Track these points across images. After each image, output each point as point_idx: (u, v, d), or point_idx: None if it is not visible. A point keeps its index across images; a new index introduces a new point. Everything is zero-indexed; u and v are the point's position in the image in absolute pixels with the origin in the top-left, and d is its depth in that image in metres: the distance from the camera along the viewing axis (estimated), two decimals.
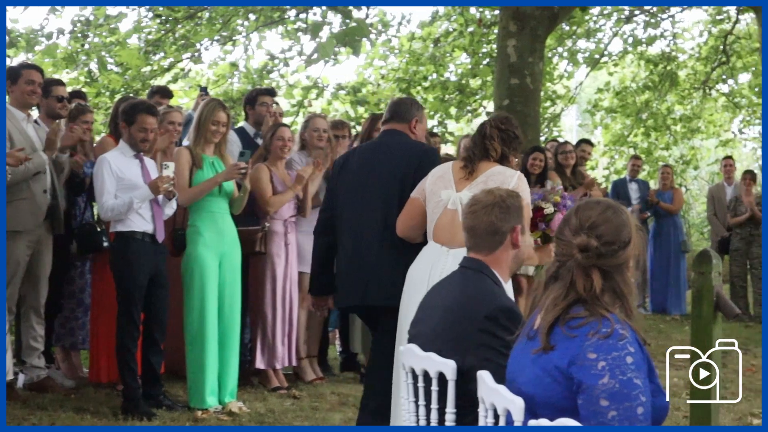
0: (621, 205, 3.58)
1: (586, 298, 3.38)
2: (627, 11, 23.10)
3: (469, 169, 5.85)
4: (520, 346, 3.59)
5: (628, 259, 3.46)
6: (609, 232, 3.43)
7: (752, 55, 24.27)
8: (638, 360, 3.28)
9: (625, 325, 3.33)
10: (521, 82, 13.86)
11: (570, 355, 3.30)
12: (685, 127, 25.40)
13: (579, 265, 3.41)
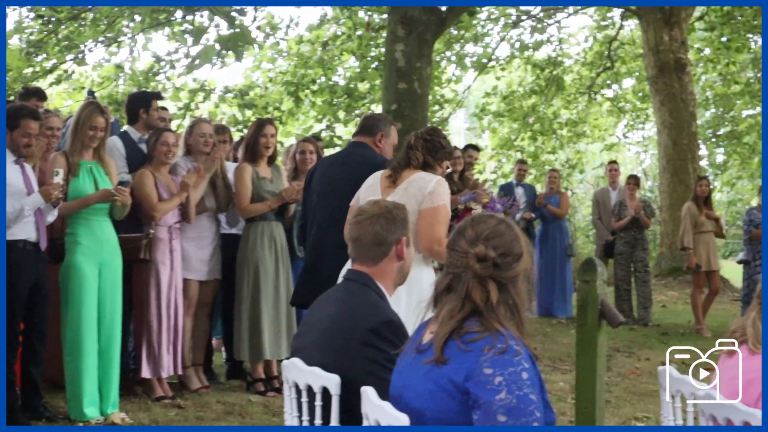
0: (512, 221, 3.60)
1: (482, 310, 3.36)
2: (514, 16, 23.35)
3: (393, 178, 6.06)
4: (407, 361, 3.54)
5: (520, 272, 3.46)
6: (504, 245, 3.44)
7: (636, 61, 24.78)
8: (532, 376, 3.28)
9: (519, 342, 3.33)
10: (409, 87, 13.88)
11: (466, 370, 3.26)
12: (570, 131, 25.80)
13: (475, 275, 3.39)
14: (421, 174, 6.03)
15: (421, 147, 6.14)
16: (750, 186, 31.82)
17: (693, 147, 21.20)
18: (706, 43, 24.27)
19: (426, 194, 5.88)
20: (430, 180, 5.96)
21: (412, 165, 6.10)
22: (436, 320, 3.46)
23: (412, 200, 5.80)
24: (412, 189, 5.90)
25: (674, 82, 20.71)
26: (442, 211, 5.88)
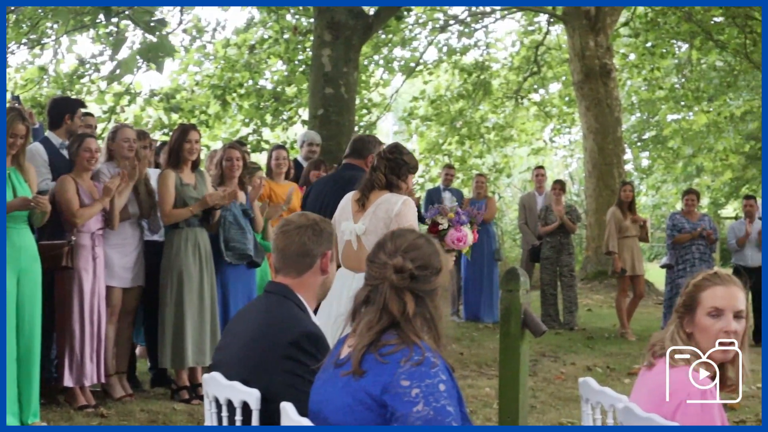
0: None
1: (399, 322, 3.37)
2: (442, 21, 23.43)
3: (361, 201, 6.35)
4: (326, 375, 3.53)
5: (438, 286, 3.49)
6: (422, 257, 3.46)
7: (562, 66, 24.98)
8: (449, 388, 3.30)
9: (436, 354, 3.34)
10: (336, 92, 13.86)
11: (383, 383, 3.27)
12: (498, 135, 25.94)
13: (393, 287, 3.40)
14: (387, 196, 6.29)
15: (384, 167, 6.38)
16: (674, 190, 32.27)
17: (618, 152, 21.42)
18: (631, 48, 24.53)
19: (393, 216, 6.17)
20: (396, 202, 6.22)
21: (376, 187, 6.34)
22: (354, 333, 3.45)
23: (380, 223, 6.16)
24: (379, 212, 6.21)
25: (600, 87, 20.91)
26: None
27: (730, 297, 3.97)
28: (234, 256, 9.19)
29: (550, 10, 22.90)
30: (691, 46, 22.80)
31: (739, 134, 29.48)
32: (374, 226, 6.20)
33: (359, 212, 6.35)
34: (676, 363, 3.91)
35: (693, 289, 4.02)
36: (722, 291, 4.00)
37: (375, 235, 6.03)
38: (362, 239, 6.32)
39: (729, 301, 3.98)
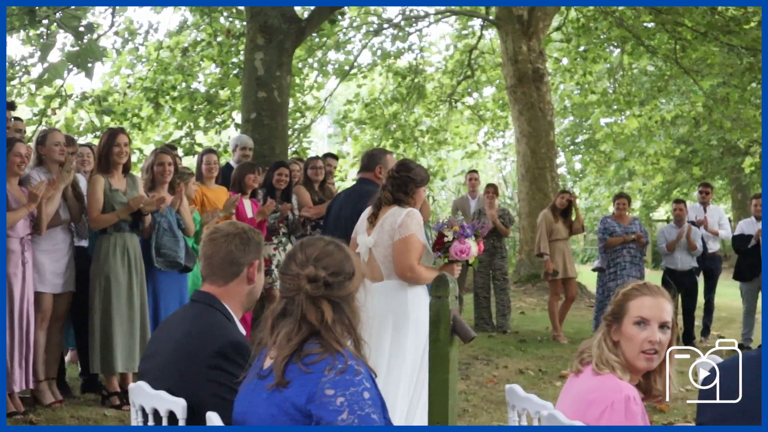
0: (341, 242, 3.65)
1: (320, 330, 3.38)
2: (376, 24, 23.44)
3: (371, 219, 6.82)
4: (249, 386, 3.53)
5: (353, 290, 3.51)
6: (334, 264, 3.48)
7: (496, 70, 25.10)
8: (374, 395, 3.31)
9: (359, 361, 3.35)
10: (269, 96, 13.80)
11: (307, 392, 3.28)
12: (432, 138, 25.99)
13: (308, 296, 3.42)
14: (393, 210, 6.71)
15: (391, 185, 6.80)
16: (607, 193, 32.59)
17: (551, 155, 21.58)
18: (563, 53, 24.70)
19: (396, 228, 6.61)
20: (400, 214, 6.65)
21: (384, 204, 6.79)
22: (274, 345, 3.45)
23: (386, 235, 6.64)
24: (386, 225, 6.66)
25: (533, 91, 21.06)
26: (411, 240, 6.61)
27: (657, 308, 4.04)
28: (164, 263, 9.15)
29: (484, 15, 23.02)
30: (623, 51, 23.01)
31: (669, 138, 29.84)
32: (381, 238, 6.66)
33: (370, 228, 6.79)
34: (601, 370, 3.96)
35: (621, 298, 4.08)
36: (650, 301, 4.06)
37: (382, 247, 6.65)
38: (372, 251, 6.73)
39: (656, 311, 4.05)
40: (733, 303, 15.82)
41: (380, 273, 6.70)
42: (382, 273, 6.70)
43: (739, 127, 23.00)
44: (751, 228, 14.22)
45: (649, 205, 37.86)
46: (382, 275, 6.70)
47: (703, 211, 15.11)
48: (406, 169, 6.89)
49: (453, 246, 6.81)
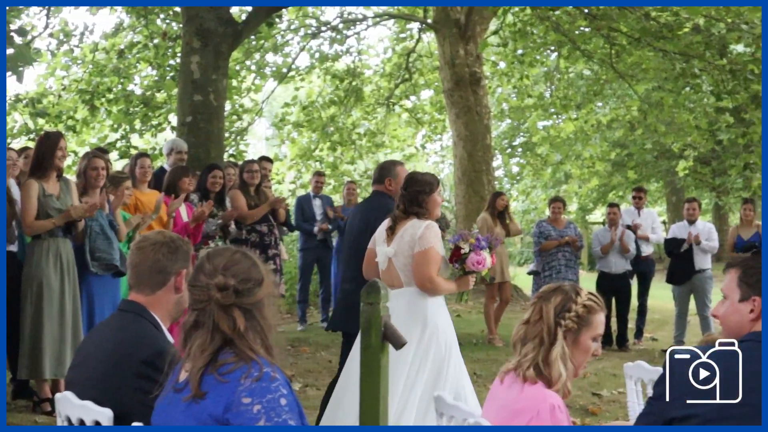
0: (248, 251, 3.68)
1: (233, 339, 3.40)
2: (314, 27, 23.42)
3: (390, 231, 7.06)
4: (166, 401, 3.53)
5: (263, 297, 3.53)
6: (242, 272, 3.50)
7: (433, 73, 25.17)
8: (291, 401, 3.35)
9: (275, 368, 3.38)
10: (205, 99, 13.75)
11: (224, 402, 3.29)
12: (370, 141, 26.00)
13: (219, 306, 3.43)
14: (413, 222, 6.96)
15: (402, 201, 7.07)
16: (543, 196, 32.81)
17: (488, 159, 21.68)
18: (501, 57, 24.84)
19: (416, 239, 6.85)
20: (420, 226, 6.89)
21: (401, 218, 7.03)
22: (188, 358, 3.46)
23: (406, 246, 6.88)
24: (406, 236, 6.90)
25: (469, 95, 21.13)
26: (431, 252, 6.82)
27: (603, 323, 4.15)
28: (100, 267, 9.08)
29: (421, 18, 23.08)
30: (559, 55, 23.18)
31: (605, 142, 30.10)
32: (401, 248, 6.91)
33: (389, 239, 7.04)
34: (528, 378, 4.00)
35: (585, 311, 4.12)
36: (602, 318, 4.17)
37: (403, 256, 6.90)
38: (392, 260, 6.99)
39: (602, 327, 4.17)
40: (667, 305, 16.01)
41: (399, 280, 6.97)
42: (402, 281, 6.98)
43: (673, 131, 23.24)
44: (683, 232, 14.41)
45: (586, 207, 38.17)
46: (401, 282, 6.97)
47: (637, 215, 15.29)
48: (412, 183, 7.16)
49: (470, 258, 7.08)
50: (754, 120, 18.31)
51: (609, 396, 10.44)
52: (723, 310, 3.81)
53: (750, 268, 3.70)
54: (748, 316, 3.68)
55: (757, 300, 3.65)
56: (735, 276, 3.76)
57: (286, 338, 13.98)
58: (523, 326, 4.17)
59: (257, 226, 12.27)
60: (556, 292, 4.16)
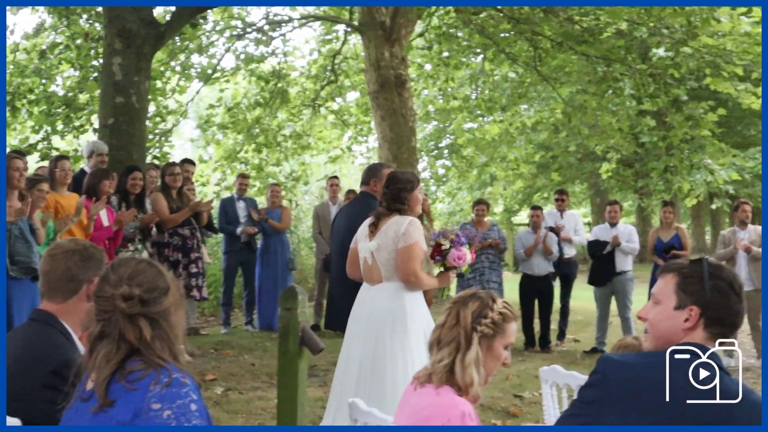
0: (156, 262, 3.65)
1: (140, 348, 3.37)
2: (239, 28, 23.32)
3: (372, 227, 7.33)
4: (72, 411, 3.49)
5: (169, 306, 3.50)
6: (147, 281, 3.47)
7: (359, 75, 25.17)
8: (200, 407, 3.33)
9: (184, 374, 3.36)
10: (127, 101, 13.61)
11: (133, 409, 3.26)
12: (295, 143, 25.90)
13: (125, 315, 3.39)
14: (396, 218, 7.21)
15: (384, 199, 7.35)
16: (469, 198, 32.95)
17: (413, 161, 21.70)
18: (426, 59, 24.90)
19: (400, 235, 7.07)
20: (403, 222, 7.14)
21: (383, 215, 7.29)
22: (94, 368, 3.43)
23: (390, 242, 7.11)
24: (389, 232, 7.14)
25: (395, 97, 21.15)
26: (415, 248, 7.04)
27: (515, 332, 4.19)
28: (19, 271, 8.99)
29: (347, 20, 23.08)
30: (484, 58, 23.30)
31: (530, 144, 30.33)
32: (385, 243, 7.14)
33: (372, 233, 7.28)
34: (440, 383, 4.02)
35: (501, 318, 4.14)
36: (515, 327, 4.21)
37: (386, 251, 7.13)
38: (375, 254, 7.21)
39: (515, 336, 4.22)
40: (589, 306, 16.17)
41: (380, 275, 7.21)
42: (382, 275, 7.20)
43: (596, 134, 23.46)
44: (606, 234, 14.58)
45: (511, 209, 38.45)
46: (381, 277, 7.20)
47: (560, 217, 15.43)
48: (394, 182, 7.37)
49: (450, 253, 7.32)
50: (674, 124, 18.54)
51: (531, 398, 10.52)
52: (653, 314, 3.69)
53: (689, 276, 3.60)
54: (683, 325, 3.58)
55: (694, 310, 3.56)
56: (672, 282, 3.65)
57: (210, 341, 13.93)
58: (438, 330, 4.17)
59: (179, 230, 12.21)
60: (473, 298, 4.19)
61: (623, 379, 3.44)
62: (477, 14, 18.46)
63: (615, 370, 3.48)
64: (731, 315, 3.56)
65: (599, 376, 3.50)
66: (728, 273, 3.61)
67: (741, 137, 35.31)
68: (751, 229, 13.93)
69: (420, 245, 7.08)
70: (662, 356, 3.48)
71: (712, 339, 3.56)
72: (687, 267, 3.64)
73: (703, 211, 48.86)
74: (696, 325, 3.56)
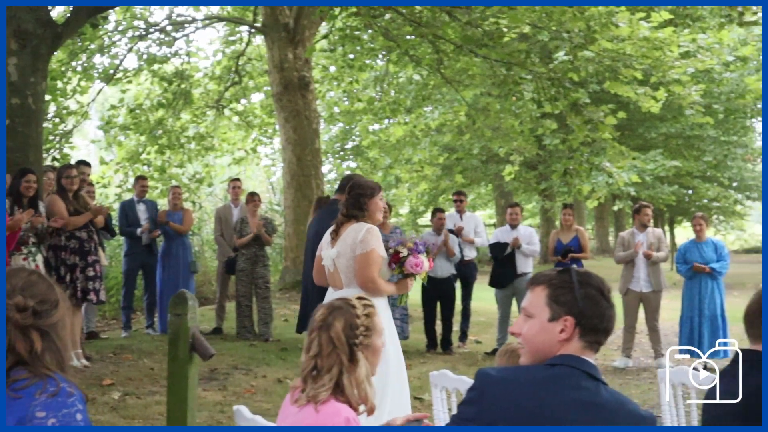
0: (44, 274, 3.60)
1: (27, 360, 3.31)
2: (142, 28, 23.10)
3: (333, 234, 7.53)
4: None
5: (59, 319, 3.44)
6: (40, 293, 3.41)
7: (263, 76, 25.10)
8: (86, 419, 3.29)
9: (72, 385, 3.32)
10: (23, 102, 13.36)
11: (18, 417, 3.21)
12: (199, 145, 25.74)
13: (17, 326, 3.33)
14: (354, 226, 7.37)
15: (345, 206, 7.51)
16: None
17: (316, 163, 21.73)
18: (331, 61, 24.91)
19: (358, 242, 7.24)
20: (360, 230, 7.29)
21: (344, 221, 7.46)
22: None
23: (348, 249, 7.28)
24: (348, 239, 7.31)
25: (298, 99, 21.16)
26: (373, 254, 7.19)
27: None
28: None
29: (250, 22, 23.00)
30: (389, 60, 23.38)
31: (434, 146, 30.50)
32: (344, 249, 7.30)
33: (333, 242, 7.47)
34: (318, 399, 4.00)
35: (369, 320, 4.15)
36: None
37: (345, 258, 7.30)
38: (336, 262, 7.39)
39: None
40: (492, 308, 16.31)
41: (341, 281, 7.40)
42: (343, 281, 7.38)
43: (499, 136, 23.67)
44: (507, 236, 14.72)
45: (417, 211, 38.66)
46: (342, 284, 7.38)
47: (459, 219, 15.51)
48: (355, 187, 7.55)
49: (408, 261, 7.52)
50: (574, 127, 18.79)
51: (430, 400, 10.56)
52: (527, 329, 3.60)
53: (559, 287, 3.54)
54: (559, 337, 3.50)
55: (569, 320, 3.49)
56: (543, 294, 3.58)
57: (109, 345, 13.77)
58: (313, 360, 4.10)
59: (76, 233, 12.04)
60: (332, 315, 4.14)
61: (501, 396, 3.39)
62: (376, 18, 18.52)
63: (492, 387, 3.42)
64: (604, 321, 3.55)
65: (477, 393, 3.44)
66: (596, 279, 3.60)
67: (643, 140, 35.96)
68: (649, 232, 14.18)
69: (377, 252, 7.23)
70: (540, 371, 3.46)
71: (589, 348, 3.53)
72: (556, 278, 3.59)
73: (607, 213, 49.70)
74: (572, 335, 3.51)
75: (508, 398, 3.37)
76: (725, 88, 35.63)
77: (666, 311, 16.14)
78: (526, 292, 3.66)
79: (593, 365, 3.50)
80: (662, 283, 14.11)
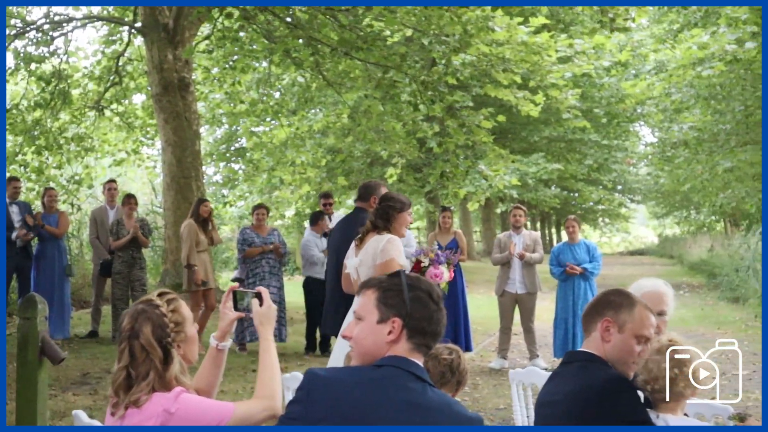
0: None
1: None
2: (19, 27, 22.64)
3: (359, 241, 7.88)
4: None
5: None
6: None
7: (144, 77, 24.81)
8: None
9: None
10: None
11: None
12: (78, 145, 25.31)
13: None
14: (376, 236, 7.72)
15: (374, 215, 7.87)
16: (256, 201, 32.92)
17: (197, 165, 21.55)
18: (213, 62, 24.74)
19: (378, 252, 7.58)
20: (381, 240, 7.65)
21: (369, 231, 7.82)
22: None
23: (369, 258, 7.61)
24: (370, 249, 7.66)
25: (178, 100, 20.96)
26: (391, 264, 7.40)
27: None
28: None
29: (129, 22, 22.71)
30: (271, 62, 23.30)
31: (319, 148, 30.47)
32: (366, 258, 7.63)
33: (358, 249, 7.83)
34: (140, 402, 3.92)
35: (176, 314, 4.13)
36: (180, 299, 4.21)
37: (366, 267, 7.61)
38: (358, 270, 7.72)
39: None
40: None
41: None
42: None
43: (381, 139, 23.75)
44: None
45: (302, 213, 38.56)
46: None
47: (328, 220, 15.49)
48: (386, 199, 7.93)
49: (428, 270, 8.00)
50: (450, 130, 18.96)
51: None
52: (357, 332, 3.68)
53: (389, 290, 3.63)
54: (386, 338, 3.59)
55: (396, 322, 3.58)
56: (373, 297, 3.66)
57: None
58: (124, 370, 3.98)
59: None
60: (139, 321, 4.02)
61: (327, 396, 3.44)
62: (249, 19, 18.48)
63: (319, 387, 3.47)
64: (432, 324, 3.63)
65: (303, 392, 3.49)
66: (426, 284, 3.68)
67: (526, 143, 36.49)
68: (525, 234, 14.35)
69: (396, 261, 7.47)
70: (367, 372, 3.53)
71: (416, 350, 3.61)
72: (386, 281, 3.68)
73: (493, 215, 50.27)
74: (399, 336, 3.59)
75: (333, 397, 3.41)
76: (605, 93, 36.39)
77: (542, 312, 16.38)
78: (359, 296, 3.74)
79: (420, 367, 3.56)
80: (537, 284, 14.27)
